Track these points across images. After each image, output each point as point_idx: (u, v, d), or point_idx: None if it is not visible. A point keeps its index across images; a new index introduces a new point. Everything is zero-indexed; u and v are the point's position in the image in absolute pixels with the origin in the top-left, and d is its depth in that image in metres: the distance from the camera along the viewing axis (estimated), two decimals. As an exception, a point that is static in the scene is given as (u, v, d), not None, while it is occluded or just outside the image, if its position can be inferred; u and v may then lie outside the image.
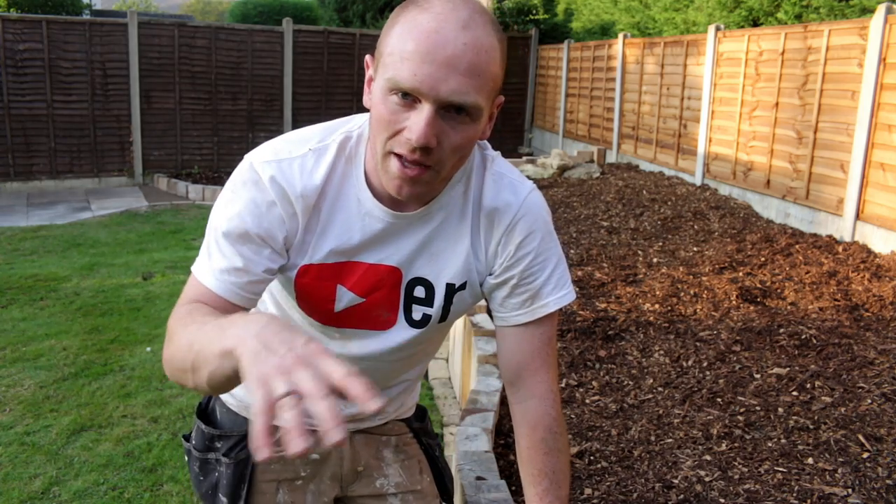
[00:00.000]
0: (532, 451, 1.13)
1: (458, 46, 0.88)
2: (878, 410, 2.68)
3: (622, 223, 5.83)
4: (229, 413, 1.28)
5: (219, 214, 1.04)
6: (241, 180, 1.04)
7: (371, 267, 1.09)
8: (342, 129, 1.07)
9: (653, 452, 2.45)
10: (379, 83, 0.94)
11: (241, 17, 15.15)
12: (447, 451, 3.12)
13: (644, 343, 3.35)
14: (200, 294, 1.02)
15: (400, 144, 0.93)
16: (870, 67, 5.18)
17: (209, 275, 1.02)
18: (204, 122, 10.32)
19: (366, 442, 1.31)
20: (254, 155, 1.06)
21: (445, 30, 0.88)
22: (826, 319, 3.62)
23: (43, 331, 4.34)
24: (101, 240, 6.81)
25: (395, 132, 0.93)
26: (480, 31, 0.90)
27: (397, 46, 0.90)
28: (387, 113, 0.92)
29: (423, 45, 0.88)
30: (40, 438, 3.14)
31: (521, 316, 1.13)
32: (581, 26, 11.57)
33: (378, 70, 0.95)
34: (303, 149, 1.04)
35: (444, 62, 0.88)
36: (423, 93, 0.89)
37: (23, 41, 9.14)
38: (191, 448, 1.30)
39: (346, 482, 1.31)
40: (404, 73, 0.89)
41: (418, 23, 0.89)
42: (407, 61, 0.89)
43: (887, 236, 4.98)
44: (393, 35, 0.92)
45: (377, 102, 0.94)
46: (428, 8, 0.90)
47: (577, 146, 10.72)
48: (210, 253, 1.03)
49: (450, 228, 1.10)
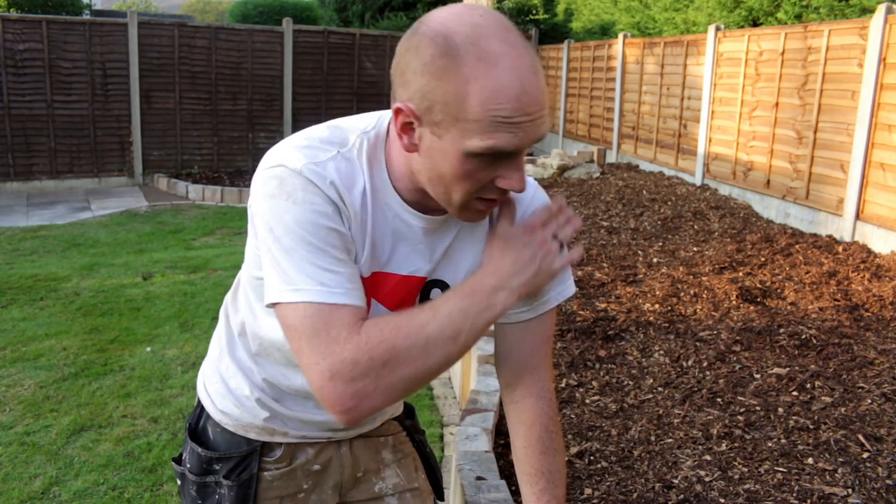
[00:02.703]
0: (528, 450, 1.13)
1: (538, 95, 0.89)
2: (878, 410, 2.68)
3: (622, 223, 5.83)
4: (224, 433, 1.23)
5: (291, 228, 0.92)
6: (292, 185, 0.94)
7: (403, 279, 1.06)
8: (358, 130, 1.02)
9: (653, 452, 2.45)
10: (459, 144, 0.89)
11: (241, 17, 15.16)
12: (447, 451, 3.12)
13: (644, 343, 3.35)
14: (340, 317, 0.90)
15: (489, 192, 0.94)
16: (870, 67, 5.18)
17: (334, 292, 0.91)
18: (204, 122, 10.32)
19: (365, 446, 1.30)
20: (282, 160, 0.96)
21: (527, 84, 0.88)
22: (826, 319, 3.62)
23: (43, 331, 4.34)
24: (100, 240, 6.81)
25: (484, 185, 0.93)
26: (539, 68, 0.91)
27: (485, 113, 0.87)
28: (473, 171, 0.91)
29: (518, 108, 0.87)
30: (40, 438, 3.14)
31: (525, 313, 1.13)
32: (581, 26, 11.57)
33: (452, 131, 0.89)
34: (330, 151, 0.98)
35: (533, 115, 0.89)
36: (523, 147, 0.91)
37: (23, 41, 9.14)
38: (185, 472, 1.24)
39: (346, 489, 1.31)
40: (507, 137, 0.88)
41: (502, 83, 0.86)
42: (504, 125, 0.87)
43: (887, 236, 4.98)
44: (471, 99, 0.87)
45: (454, 162, 0.91)
46: (497, 62, 0.87)
47: (577, 146, 10.72)
48: (311, 272, 0.91)
49: (467, 229, 1.09)
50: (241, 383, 1.19)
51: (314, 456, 1.25)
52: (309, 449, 1.24)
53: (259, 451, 1.21)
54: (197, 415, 1.27)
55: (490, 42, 0.87)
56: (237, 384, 1.19)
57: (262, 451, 1.21)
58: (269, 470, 1.22)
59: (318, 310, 0.90)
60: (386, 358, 0.89)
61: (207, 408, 1.24)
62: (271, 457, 1.22)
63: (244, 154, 10.59)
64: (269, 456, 1.22)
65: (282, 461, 1.22)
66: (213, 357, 1.25)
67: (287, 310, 0.92)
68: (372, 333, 0.90)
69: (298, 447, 1.23)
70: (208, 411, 1.24)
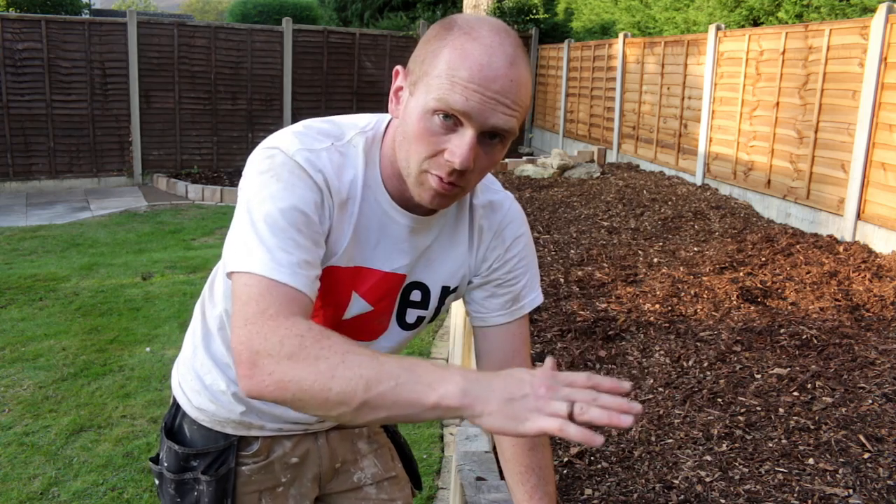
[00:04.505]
0: (517, 448, 1.16)
1: (507, 83, 0.92)
2: (879, 411, 2.68)
3: (622, 223, 5.82)
4: (201, 429, 1.24)
5: (265, 202, 0.94)
6: (281, 165, 0.97)
7: (385, 275, 1.09)
8: (356, 127, 1.06)
9: (653, 453, 2.44)
10: (420, 100, 0.95)
11: (240, 16, 15.15)
12: (447, 452, 3.11)
13: (644, 343, 3.35)
14: (276, 294, 0.89)
15: (438, 166, 0.95)
16: (871, 67, 5.17)
17: (280, 270, 0.90)
18: (203, 121, 10.32)
19: (341, 438, 1.33)
20: (278, 143, 0.99)
21: (496, 65, 0.92)
22: (827, 319, 3.62)
23: (42, 331, 4.34)
24: (100, 240, 6.81)
25: (435, 153, 0.95)
26: (522, 67, 0.95)
27: (448, 70, 0.92)
28: (427, 131, 0.94)
29: (477, 76, 0.91)
30: (39, 439, 3.13)
31: (502, 316, 1.18)
32: (581, 26, 11.57)
33: (419, 87, 0.95)
34: (325, 142, 1.02)
35: (493, 94, 0.92)
36: (472, 117, 0.92)
37: (22, 41, 9.13)
38: (162, 470, 1.25)
39: (325, 480, 1.33)
40: (457, 97, 0.91)
41: (470, 52, 0.92)
42: (459, 86, 0.91)
43: (888, 236, 4.97)
44: (441, 58, 0.93)
45: (414, 119, 0.95)
46: (477, 38, 0.93)
47: (577, 146, 10.71)
48: (267, 246, 0.91)
49: (447, 233, 1.13)
50: (217, 378, 1.20)
51: (291, 448, 1.27)
52: (286, 442, 1.26)
53: (236, 446, 1.23)
54: (172, 413, 1.28)
55: (482, 28, 0.94)
56: (212, 380, 1.21)
57: (239, 446, 1.23)
58: (246, 464, 1.23)
59: (259, 281, 0.90)
60: (292, 351, 0.83)
61: (183, 405, 1.26)
62: (248, 451, 1.24)
63: (244, 154, 10.58)
64: (246, 450, 1.23)
65: (259, 455, 1.24)
66: (188, 355, 1.27)
67: (237, 277, 0.92)
68: (299, 325, 0.86)
69: (275, 440, 1.25)
70: (184, 409, 1.26)
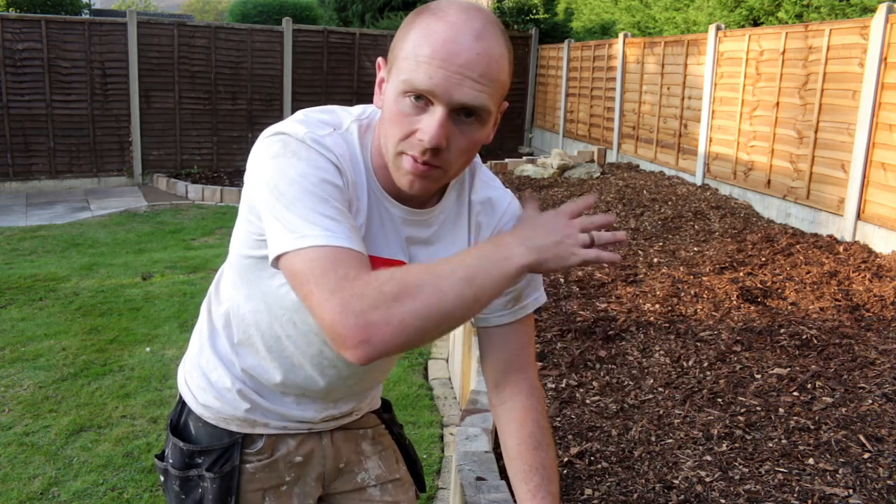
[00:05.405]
0: (522, 447, 1.16)
1: (472, 56, 0.93)
2: (879, 411, 2.68)
3: (623, 223, 5.82)
4: (206, 426, 1.24)
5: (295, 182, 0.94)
6: (297, 145, 0.97)
7: (385, 262, 1.08)
8: (352, 115, 1.08)
9: (653, 453, 2.44)
10: (393, 85, 0.97)
11: (240, 16, 15.12)
12: (447, 452, 3.11)
13: (644, 343, 3.35)
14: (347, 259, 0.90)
15: (412, 146, 0.96)
16: (871, 67, 5.17)
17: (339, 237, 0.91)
18: (203, 121, 10.32)
19: (345, 438, 1.33)
20: (284, 129, 1.00)
21: (460, 39, 0.92)
22: (827, 319, 3.62)
23: (42, 331, 4.34)
24: (100, 240, 6.80)
25: (408, 133, 0.96)
26: (492, 41, 0.95)
27: (413, 51, 0.94)
28: (400, 114, 0.96)
29: (440, 51, 0.92)
30: (39, 439, 3.13)
31: (505, 316, 1.18)
32: (581, 26, 11.56)
33: (392, 72, 0.98)
34: (327, 129, 1.03)
35: (458, 69, 0.92)
36: (437, 95, 0.93)
37: (22, 41, 9.13)
38: (167, 467, 1.26)
39: (329, 480, 1.33)
40: (420, 76, 0.93)
41: (434, 30, 0.93)
42: (423, 65, 0.93)
43: (888, 236, 4.97)
44: (408, 40, 0.95)
45: (390, 103, 0.97)
46: (443, 17, 0.94)
47: (577, 146, 10.71)
48: (315, 220, 0.92)
49: (447, 228, 1.13)
50: (222, 375, 1.21)
51: (295, 447, 1.27)
52: (290, 440, 1.27)
53: (240, 444, 1.23)
54: (178, 410, 1.29)
55: (450, 8, 0.95)
56: (218, 377, 1.22)
57: (244, 444, 1.23)
58: (250, 462, 1.24)
59: (324, 252, 0.90)
60: (396, 291, 0.87)
61: (189, 402, 1.26)
62: (253, 448, 1.24)
63: (244, 154, 10.57)
64: (250, 448, 1.24)
65: (263, 453, 1.25)
66: (194, 352, 1.27)
67: (293, 258, 0.91)
68: (381, 272, 0.90)
69: (279, 439, 1.26)
70: (189, 406, 1.26)
